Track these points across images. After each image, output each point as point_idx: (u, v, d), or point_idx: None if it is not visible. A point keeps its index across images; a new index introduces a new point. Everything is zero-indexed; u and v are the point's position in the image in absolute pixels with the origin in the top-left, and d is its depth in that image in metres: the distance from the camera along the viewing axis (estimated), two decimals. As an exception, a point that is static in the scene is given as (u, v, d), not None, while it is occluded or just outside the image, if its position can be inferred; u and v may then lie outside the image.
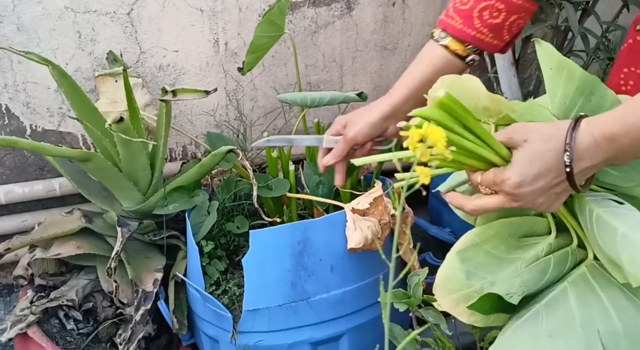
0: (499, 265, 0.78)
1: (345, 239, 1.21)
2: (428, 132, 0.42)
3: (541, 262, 0.78)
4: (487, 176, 0.72)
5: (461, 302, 0.78)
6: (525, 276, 0.77)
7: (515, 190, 0.69)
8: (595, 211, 0.73)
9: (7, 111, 1.42)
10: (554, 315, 0.74)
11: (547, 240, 0.81)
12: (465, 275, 0.77)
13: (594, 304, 0.74)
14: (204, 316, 1.28)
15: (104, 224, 1.35)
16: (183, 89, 1.26)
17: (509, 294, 0.74)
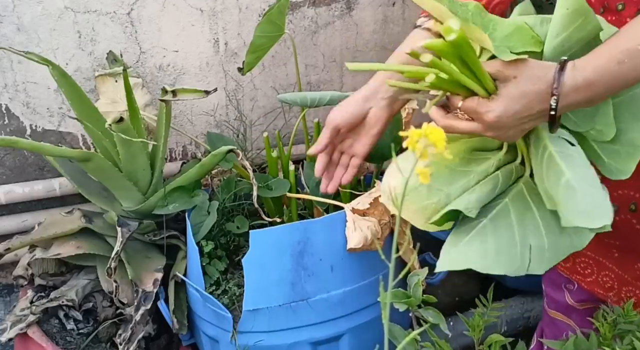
0: (452, 177, 0.83)
1: (345, 239, 1.21)
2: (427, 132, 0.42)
3: (492, 178, 0.83)
4: (469, 103, 0.75)
5: (418, 212, 0.83)
6: (479, 192, 0.81)
7: (494, 122, 0.73)
8: (549, 149, 0.77)
9: (7, 111, 1.42)
10: (499, 232, 0.78)
11: (497, 155, 0.85)
12: (427, 189, 0.82)
13: (529, 220, 0.79)
14: (204, 316, 1.28)
15: (104, 224, 1.35)
16: (183, 89, 1.26)
17: (468, 209, 0.78)
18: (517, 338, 0.94)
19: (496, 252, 0.77)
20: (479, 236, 0.79)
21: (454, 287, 1.80)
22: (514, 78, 0.73)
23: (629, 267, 1.06)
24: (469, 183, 0.82)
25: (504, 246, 0.77)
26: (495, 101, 0.73)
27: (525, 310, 1.71)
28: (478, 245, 0.78)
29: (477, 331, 0.92)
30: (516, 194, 0.83)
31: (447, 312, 1.20)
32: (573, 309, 1.22)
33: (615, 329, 0.91)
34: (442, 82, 0.72)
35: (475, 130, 0.76)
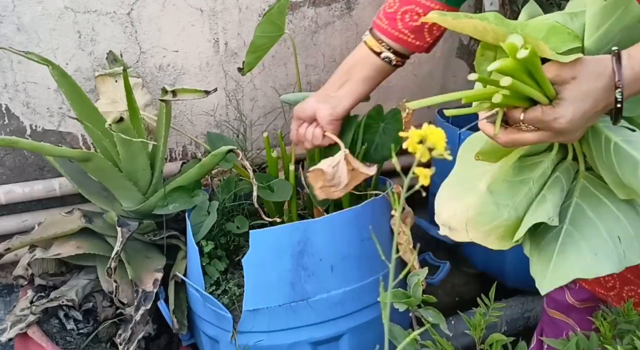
0: (513, 189, 0.81)
1: (345, 239, 1.21)
2: (428, 133, 0.42)
3: (555, 181, 0.81)
4: (533, 114, 0.72)
5: (492, 232, 0.81)
6: (551, 198, 0.79)
7: (565, 127, 0.71)
8: (613, 140, 0.75)
9: (7, 111, 1.42)
10: (585, 232, 0.77)
11: (549, 157, 0.83)
12: (497, 207, 0.80)
13: (607, 214, 0.77)
14: (204, 316, 1.28)
15: (104, 224, 1.35)
16: (183, 89, 1.26)
17: (551, 218, 0.76)
18: (517, 338, 0.94)
19: (593, 253, 0.75)
20: (569, 243, 0.77)
21: (454, 287, 1.80)
22: (573, 79, 0.71)
23: (633, 265, 1.06)
24: (531, 191, 0.81)
25: (597, 245, 0.76)
26: (562, 106, 0.71)
27: (525, 310, 1.71)
28: (573, 254, 0.76)
29: (478, 330, 0.92)
30: (582, 191, 0.81)
31: (447, 312, 1.20)
32: (573, 308, 1.22)
33: (616, 328, 0.91)
34: (505, 98, 0.70)
35: (543, 139, 0.74)
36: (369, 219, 1.26)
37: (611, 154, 0.75)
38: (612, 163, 0.75)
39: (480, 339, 0.93)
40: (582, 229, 0.77)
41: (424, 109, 1.97)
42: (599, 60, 0.72)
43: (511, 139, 0.75)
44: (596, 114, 0.72)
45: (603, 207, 0.78)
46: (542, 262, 0.78)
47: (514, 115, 0.74)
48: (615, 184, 0.77)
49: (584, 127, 0.74)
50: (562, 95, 0.71)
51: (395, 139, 1.28)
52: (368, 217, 1.26)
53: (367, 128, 1.30)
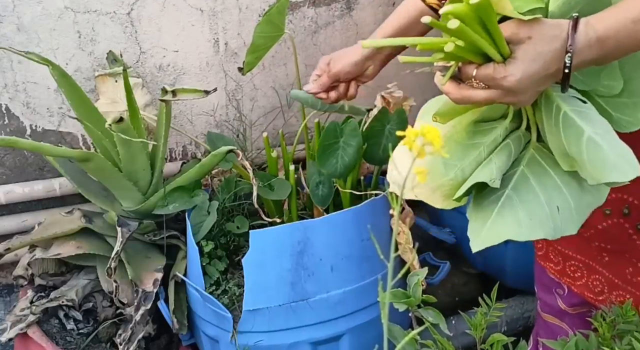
0: (463, 151, 0.82)
1: (345, 239, 1.21)
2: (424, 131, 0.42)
3: (504, 147, 0.82)
4: (485, 71, 0.72)
5: (437, 190, 0.82)
6: (497, 162, 0.80)
7: (514, 86, 0.71)
8: (563, 109, 0.76)
9: (7, 111, 1.42)
10: (525, 199, 0.78)
11: (503, 124, 0.84)
12: (444, 166, 0.81)
13: (550, 184, 0.79)
14: (204, 316, 1.28)
15: (104, 224, 1.35)
16: (183, 89, 1.26)
17: (492, 180, 0.77)
18: (517, 338, 0.94)
19: (529, 219, 0.76)
20: (507, 207, 0.78)
21: (454, 287, 1.80)
22: (529, 39, 0.71)
23: (620, 270, 1.06)
24: (481, 155, 0.81)
25: (534, 212, 0.77)
26: (513, 65, 0.71)
27: (525, 310, 1.71)
28: (509, 216, 0.77)
29: (479, 330, 0.92)
30: (530, 160, 0.82)
31: (447, 312, 1.20)
32: (565, 313, 1.22)
33: (614, 329, 0.91)
34: (458, 50, 0.70)
35: (493, 98, 0.74)
36: (369, 219, 1.26)
37: (560, 122, 0.76)
38: (560, 132, 0.76)
39: (481, 338, 0.93)
40: (523, 195, 0.79)
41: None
42: (556, 23, 0.72)
43: (462, 95, 0.76)
44: (546, 78, 0.72)
45: (547, 177, 0.80)
46: (479, 222, 0.79)
47: (467, 71, 0.75)
48: (561, 153, 0.78)
49: (534, 90, 0.74)
50: (515, 54, 0.71)
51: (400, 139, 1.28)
52: (368, 217, 1.26)
53: (373, 131, 1.31)
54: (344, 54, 1.16)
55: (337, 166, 1.25)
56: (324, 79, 1.16)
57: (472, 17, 0.67)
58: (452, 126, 0.85)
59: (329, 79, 1.16)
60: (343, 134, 1.27)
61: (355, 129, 1.26)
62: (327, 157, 1.26)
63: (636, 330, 0.88)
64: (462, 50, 0.71)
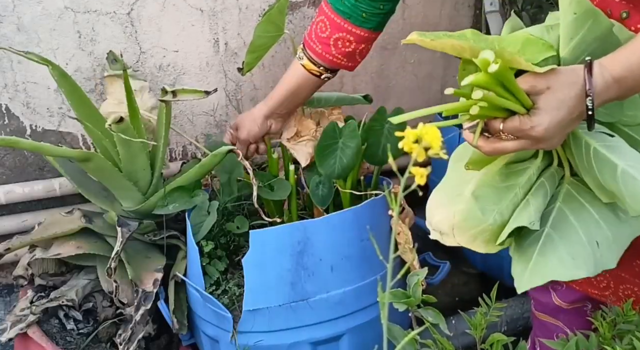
0: (499, 194, 0.84)
1: (345, 239, 1.21)
2: (423, 132, 0.42)
3: (539, 186, 0.84)
4: (511, 124, 0.75)
5: (478, 237, 0.84)
6: (534, 203, 0.82)
7: (542, 135, 0.74)
8: (593, 145, 0.78)
9: (7, 111, 1.42)
10: (564, 236, 0.79)
11: (535, 163, 0.86)
12: (482, 212, 0.83)
13: (588, 219, 0.81)
14: (204, 316, 1.28)
15: (104, 224, 1.35)
16: (183, 89, 1.26)
17: (532, 223, 0.78)
18: (517, 338, 0.94)
19: (571, 257, 0.78)
20: (548, 246, 0.80)
21: (454, 287, 1.80)
22: (548, 89, 0.74)
23: (627, 264, 1.05)
24: (517, 196, 0.83)
25: (576, 249, 0.78)
26: (538, 115, 0.74)
27: (525, 310, 1.71)
28: (551, 256, 0.79)
29: (479, 330, 0.92)
30: (565, 196, 0.84)
31: (447, 312, 1.20)
32: (560, 310, 1.22)
33: (615, 328, 0.91)
34: (483, 110, 0.73)
35: (524, 147, 0.77)
36: (369, 219, 1.26)
37: (591, 159, 0.78)
38: (592, 167, 0.78)
39: (481, 338, 0.93)
40: (563, 233, 0.80)
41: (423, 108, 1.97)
42: (572, 70, 0.75)
43: (493, 148, 0.78)
44: (572, 121, 0.75)
45: (584, 211, 0.81)
46: (522, 263, 0.80)
47: (494, 126, 0.77)
48: (597, 187, 0.80)
49: (562, 134, 0.77)
50: (538, 104, 0.74)
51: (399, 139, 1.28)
52: (368, 217, 1.26)
53: (372, 130, 1.31)
54: (245, 119, 1.33)
55: (335, 167, 1.25)
56: (239, 147, 1.34)
57: (493, 83, 0.70)
58: (485, 172, 0.88)
59: (242, 144, 1.34)
60: (342, 135, 1.27)
61: (354, 130, 1.26)
62: (325, 158, 1.27)
63: (636, 329, 0.88)
64: (486, 110, 0.74)
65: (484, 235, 0.84)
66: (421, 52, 1.84)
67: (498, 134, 0.78)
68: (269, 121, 1.32)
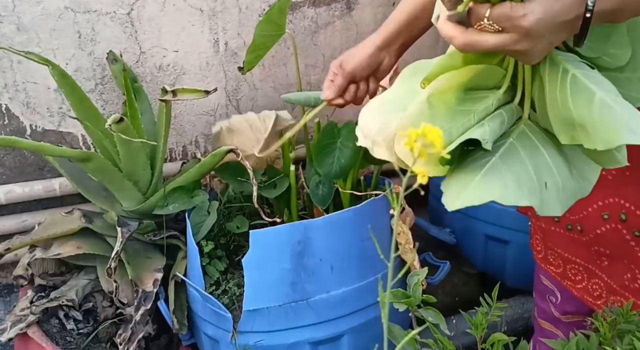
0: (452, 115, 0.76)
1: (345, 239, 1.21)
2: (425, 131, 0.42)
3: (497, 115, 0.78)
4: (501, 9, 0.66)
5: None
6: (491, 125, 0.75)
7: (533, 26, 0.65)
8: (572, 72, 0.72)
9: (7, 111, 1.42)
10: (513, 168, 0.74)
11: (496, 94, 0.79)
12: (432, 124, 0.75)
13: (539, 159, 0.76)
14: (204, 316, 1.28)
15: (104, 224, 1.35)
16: (183, 89, 1.26)
17: (485, 140, 0.72)
18: (518, 338, 0.94)
19: (516, 184, 0.72)
20: (494, 171, 0.73)
21: (454, 287, 1.80)
22: None
23: (618, 275, 1.05)
24: (470, 122, 0.76)
25: (522, 179, 0.73)
26: (533, 3, 0.64)
27: (525, 310, 1.71)
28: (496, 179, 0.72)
29: (480, 330, 0.92)
30: (520, 135, 0.78)
31: (447, 312, 1.20)
32: (559, 321, 1.22)
33: (615, 329, 0.91)
34: None
35: (504, 43, 0.67)
36: (369, 219, 1.26)
37: (567, 86, 0.72)
38: (567, 96, 0.72)
39: (481, 338, 0.93)
40: (511, 164, 0.74)
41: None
42: None
43: (469, 40, 0.69)
44: (564, 25, 0.67)
45: (537, 153, 0.76)
46: (460, 184, 0.74)
47: (479, 10, 0.68)
48: (563, 123, 0.74)
49: (550, 38, 0.68)
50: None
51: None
52: (368, 217, 1.26)
53: None
54: (355, 51, 1.10)
55: (333, 167, 1.25)
56: (339, 81, 1.10)
57: None
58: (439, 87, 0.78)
59: (344, 79, 1.09)
60: (340, 135, 1.27)
61: (352, 130, 1.26)
62: (323, 158, 1.27)
63: (637, 329, 0.88)
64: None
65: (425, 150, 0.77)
66: (421, 51, 1.83)
67: (481, 22, 0.68)
68: (381, 54, 1.09)
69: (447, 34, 0.71)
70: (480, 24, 0.68)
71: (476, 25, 0.69)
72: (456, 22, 0.70)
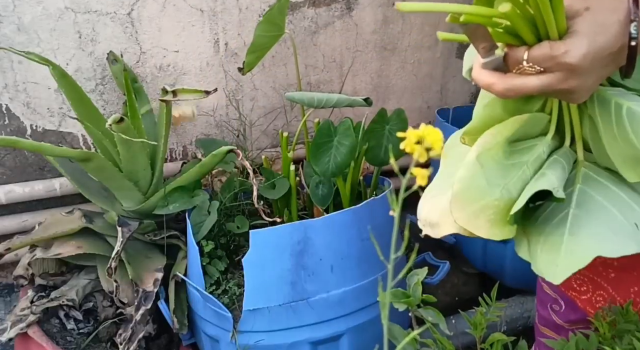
0: (505, 170, 0.71)
1: (345, 239, 1.21)
2: (425, 133, 0.42)
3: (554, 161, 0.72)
4: (540, 50, 0.62)
5: (480, 214, 0.69)
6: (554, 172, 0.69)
7: (580, 62, 0.61)
8: (627, 105, 0.67)
9: (7, 111, 1.42)
10: (596, 216, 0.67)
11: (544, 141, 0.74)
12: (487, 182, 0.69)
13: (618, 200, 0.69)
14: (204, 316, 1.28)
15: (104, 224, 1.35)
16: (183, 89, 1.26)
17: (555, 189, 0.66)
18: (517, 338, 0.95)
19: (614, 234, 0.66)
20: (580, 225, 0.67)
21: (454, 287, 1.80)
22: (586, 10, 0.62)
23: (624, 289, 1.03)
24: (525, 174, 0.70)
25: (614, 226, 0.66)
26: (574, 37, 0.61)
27: (525, 310, 1.71)
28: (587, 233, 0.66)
29: (479, 330, 0.93)
30: (585, 179, 0.72)
31: (447, 311, 1.20)
32: (562, 328, 1.22)
33: (615, 328, 0.91)
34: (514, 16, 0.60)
35: (550, 84, 0.63)
36: (369, 218, 1.26)
37: (624, 121, 0.67)
38: (626, 131, 0.66)
39: (481, 338, 0.94)
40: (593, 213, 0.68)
41: (423, 109, 1.97)
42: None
43: (511, 85, 0.64)
44: (611, 57, 0.63)
45: (611, 193, 0.69)
46: (550, 251, 0.67)
47: (517, 54, 0.64)
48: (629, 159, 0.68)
49: (598, 73, 0.64)
50: (574, 28, 0.62)
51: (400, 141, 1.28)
52: (368, 217, 1.26)
53: (373, 132, 1.31)
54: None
55: (330, 165, 1.26)
56: None
57: None
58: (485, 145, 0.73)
59: None
60: (337, 133, 1.28)
61: (348, 128, 1.26)
62: (320, 156, 1.27)
63: (637, 329, 0.88)
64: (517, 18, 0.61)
65: (488, 213, 0.69)
66: (421, 52, 1.84)
67: (520, 66, 0.64)
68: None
69: (485, 82, 0.67)
70: (519, 68, 0.64)
71: (515, 70, 0.65)
72: (492, 69, 0.66)
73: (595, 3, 0.62)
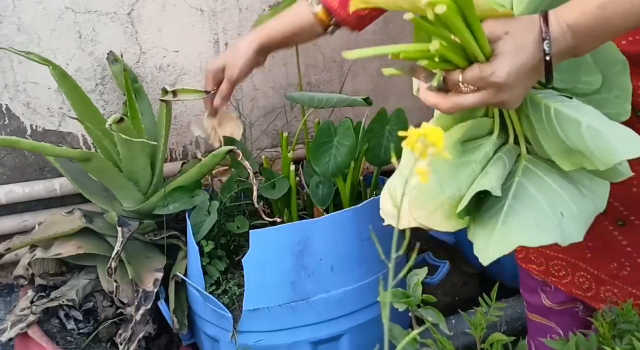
0: (456, 170, 0.80)
1: (345, 239, 1.21)
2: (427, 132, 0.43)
3: (497, 159, 0.81)
4: (471, 72, 0.72)
5: (436, 210, 0.80)
6: (494, 172, 0.79)
7: (504, 80, 0.71)
8: (553, 106, 0.76)
9: (7, 111, 1.42)
10: (529, 207, 0.77)
11: (490, 140, 0.84)
12: (440, 186, 0.79)
13: (550, 192, 0.78)
14: (204, 316, 1.28)
15: (104, 224, 1.35)
16: (183, 89, 1.26)
17: (493, 188, 0.76)
18: (517, 338, 0.95)
19: (537, 225, 0.75)
20: (512, 215, 0.77)
21: (454, 287, 1.80)
22: (506, 34, 0.71)
23: (604, 266, 1.06)
24: (474, 171, 0.80)
25: (540, 218, 0.76)
26: (498, 59, 0.71)
27: (524, 310, 1.71)
28: (516, 223, 0.76)
29: (479, 330, 0.93)
30: (524, 171, 0.82)
31: (447, 311, 1.20)
32: (550, 311, 1.22)
33: (615, 328, 0.91)
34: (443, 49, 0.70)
35: (484, 99, 0.73)
36: (369, 218, 1.26)
37: (553, 121, 0.76)
38: (555, 129, 0.76)
39: (480, 338, 0.94)
40: (525, 204, 0.78)
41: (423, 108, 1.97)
42: (528, 17, 0.73)
43: (452, 103, 0.74)
44: (532, 70, 0.72)
45: (545, 185, 0.79)
46: (485, 235, 0.78)
47: (452, 77, 0.74)
48: (561, 153, 0.78)
49: (523, 85, 0.74)
50: (497, 50, 0.71)
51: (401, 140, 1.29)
52: (368, 217, 1.26)
53: (373, 132, 1.31)
54: (233, 57, 1.20)
55: (330, 165, 1.26)
56: (226, 88, 1.22)
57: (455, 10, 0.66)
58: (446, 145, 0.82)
59: (231, 85, 1.22)
60: (337, 133, 1.28)
61: (348, 128, 1.27)
62: (320, 156, 1.27)
63: (636, 329, 0.88)
64: (447, 50, 0.70)
65: (443, 209, 0.80)
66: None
67: (457, 86, 0.74)
68: (259, 58, 1.22)
69: (431, 102, 0.77)
70: (457, 88, 0.74)
71: (454, 90, 0.75)
72: (436, 90, 0.76)
73: (513, 27, 0.72)
